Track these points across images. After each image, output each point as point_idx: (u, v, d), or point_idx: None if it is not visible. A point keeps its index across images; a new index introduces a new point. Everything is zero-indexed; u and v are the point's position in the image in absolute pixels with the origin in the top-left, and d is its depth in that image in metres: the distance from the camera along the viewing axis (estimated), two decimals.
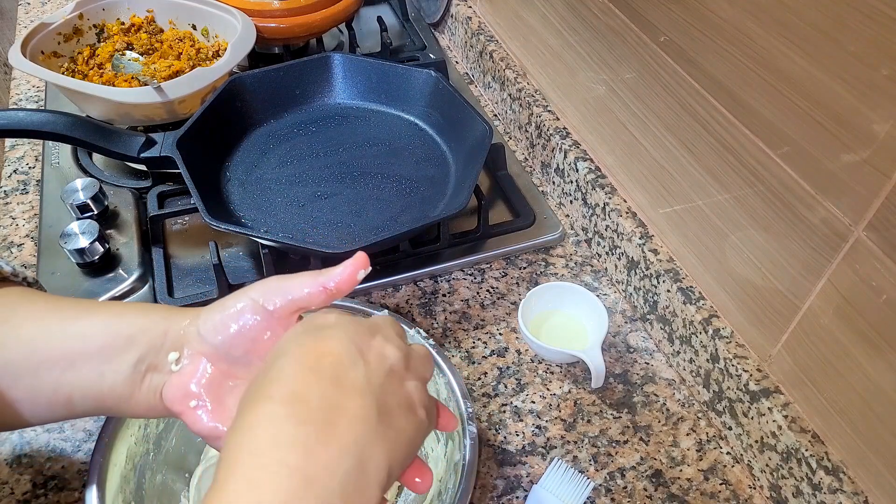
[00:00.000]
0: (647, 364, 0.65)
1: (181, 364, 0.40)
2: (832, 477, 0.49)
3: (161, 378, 0.40)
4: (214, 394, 0.40)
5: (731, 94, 0.52)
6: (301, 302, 0.40)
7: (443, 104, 0.79)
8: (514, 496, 0.55)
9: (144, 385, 0.40)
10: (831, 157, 0.45)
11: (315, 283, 0.40)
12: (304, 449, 0.31)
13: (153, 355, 0.40)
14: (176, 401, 0.40)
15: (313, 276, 0.40)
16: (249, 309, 0.40)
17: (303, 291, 0.40)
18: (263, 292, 0.40)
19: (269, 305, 0.40)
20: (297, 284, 0.40)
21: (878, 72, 0.40)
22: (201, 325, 0.40)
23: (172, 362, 0.40)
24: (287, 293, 0.40)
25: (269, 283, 0.41)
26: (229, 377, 0.40)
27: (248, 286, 0.41)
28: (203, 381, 0.40)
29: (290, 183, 0.74)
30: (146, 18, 0.91)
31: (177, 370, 0.40)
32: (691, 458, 0.58)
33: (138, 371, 0.40)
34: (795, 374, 0.52)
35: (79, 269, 0.69)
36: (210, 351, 0.40)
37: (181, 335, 0.40)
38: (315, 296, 0.40)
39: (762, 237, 0.53)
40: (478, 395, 0.62)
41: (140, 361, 0.40)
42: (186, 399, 0.40)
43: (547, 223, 0.76)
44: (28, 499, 0.54)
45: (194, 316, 0.41)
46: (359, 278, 0.41)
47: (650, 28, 0.60)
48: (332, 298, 0.40)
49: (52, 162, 0.81)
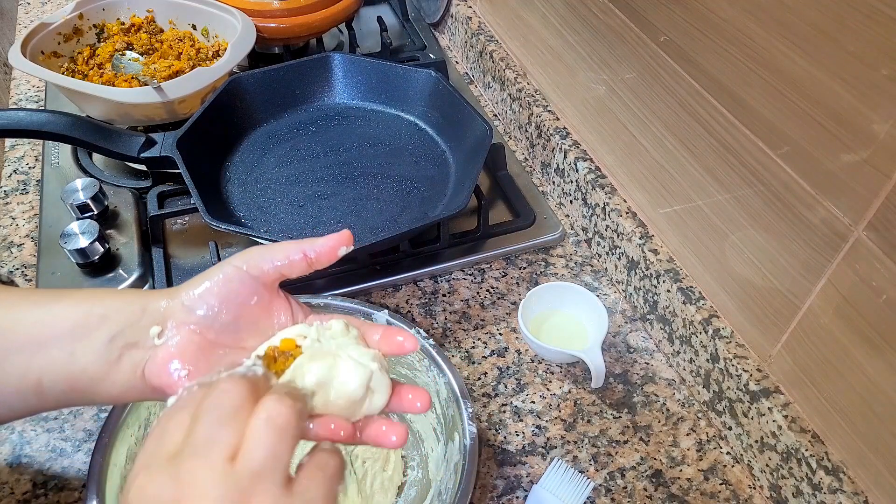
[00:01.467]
0: (647, 364, 0.65)
1: (165, 337, 0.39)
2: (832, 477, 0.49)
3: (142, 354, 0.39)
4: (203, 363, 0.39)
5: (732, 94, 0.52)
6: (284, 269, 0.41)
7: (443, 104, 0.79)
8: (513, 496, 0.55)
9: (122, 364, 0.39)
10: (831, 157, 0.45)
11: (297, 249, 0.41)
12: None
13: (130, 331, 0.39)
14: (163, 373, 0.38)
15: (296, 243, 0.41)
16: (234, 276, 0.40)
17: (285, 257, 0.40)
18: (246, 260, 0.40)
19: (254, 271, 0.40)
20: (280, 251, 0.41)
21: (878, 71, 0.40)
22: (185, 298, 0.39)
23: (154, 336, 0.39)
24: (270, 259, 0.40)
25: (251, 251, 0.41)
26: (217, 346, 0.40)
27: (229, 257, 0.41)
28: (191, 350, 0.39)
29: (290, 183, 0.74)
30: (146, 18, 0.91)
31: (160, 343, 0.39)
32: (691, 458, 0.58)
33: (113, 348, 0.39)
34: (795, 374, 0.52)
35: (79, 269, 0.69)
36: (197, 320, 0.39)
37: (162, 310, 0.39)
38: (297, 263, 0.41)
39: (762, 237, 0.53)
40: (478, 395, 0.62)
41: (115, 338, 0.39)
42: (174, 371, 0.39)
43: (547, 223, 0.76)
44: (28, 499, 0.54)
45: (173, 292, 0.40)
46: (339, 254, 0.41)
47: (650, 28, 0.60)
48: (312, 267, 0.41)
49: (52, 162, 0.81)
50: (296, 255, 0.40)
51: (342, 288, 0.68)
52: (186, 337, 0.39)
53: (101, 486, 0.46)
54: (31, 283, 0.69)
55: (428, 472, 0.54)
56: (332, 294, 0.64)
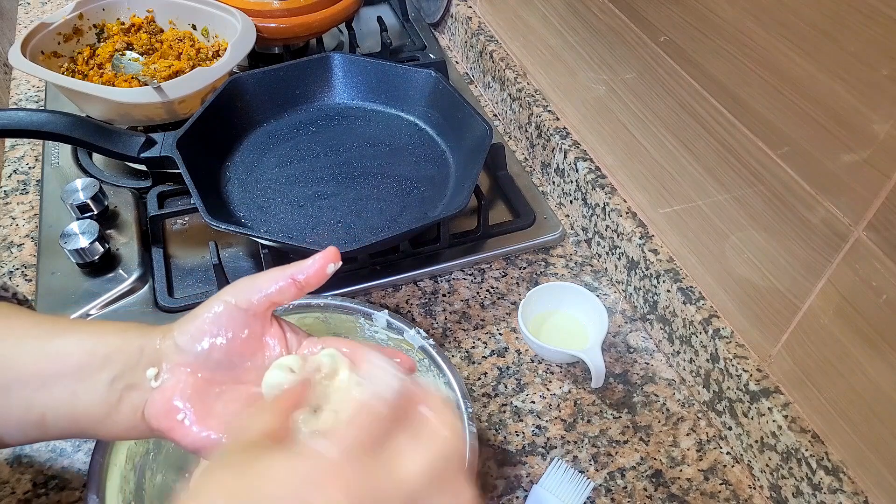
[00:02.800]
0: (647, 364, 0.65)
1: (161, 379, 0.39)
2: (832, 477, 0.49)
3: (141, 396, 0.39)
4: (200, 404, 0.39)
5: (731, 94, 0.52)
6: (273, 297, 0.40)
7: (443, 104, 0.79)
8: (514, 496, 0.55)
9: (123, 405, 0.39)
10: (831, 157, 0.45)
11: (284, 277, 0.40)
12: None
13: (129, 373, 0.39)
14: (161, 416, 0.39)
15: (282, 269, 0.40)
16: (224, 312, 0.39)
17: (274, 286, 0.40)
18: (235, 293, 0.40)
19: (243, 304, 0.40)
20: (268, 280, 0.40)
21: (878, 71, 0.40)
22: (178, 337, 0.39)
23: (151, 378, 0.39)
24: (259, 290, 0.40)
25: (240, 283, 0.41)
26: (213, 384, 0.40)
27: (219, 291, 0.41)
28: (187, 392, 0.39)
29: (290, 183, 0.74)
30: (146, 18, 0.91)
31: (157, 385, 0.39)
32: (691, 458, 0.58)
33: (114, 390, 0.39)
34: (795, 374, 0.52)
35: (79, 270, 0.69)
36: (191, 361, 0.39)
37: (157, 350, 0.40)
38: (286, 289, 0.40)
39: (762, 237, 0.53)
40: (478, 396, 0.62)
41: (116, 380, 0.39)
42: (172, 413, 0.39)
43: (547, 223, 0.76)
44: (29, 498, 0.54)
45: (167, 330, 0.40)
46: (328, 272, 0.41)
47: (650, 28, 0.60)
48: (302, 292, 0.40)
49: (52, 162, 0.81)
50: (284, 282, 0.40)
51: (342, 288, 0.68)
52: (182, 378, 0.39)
53: (101, 485, 0.46)
54: (30, 283, 0.69)
55: None
56: (332, 294, 0.64)
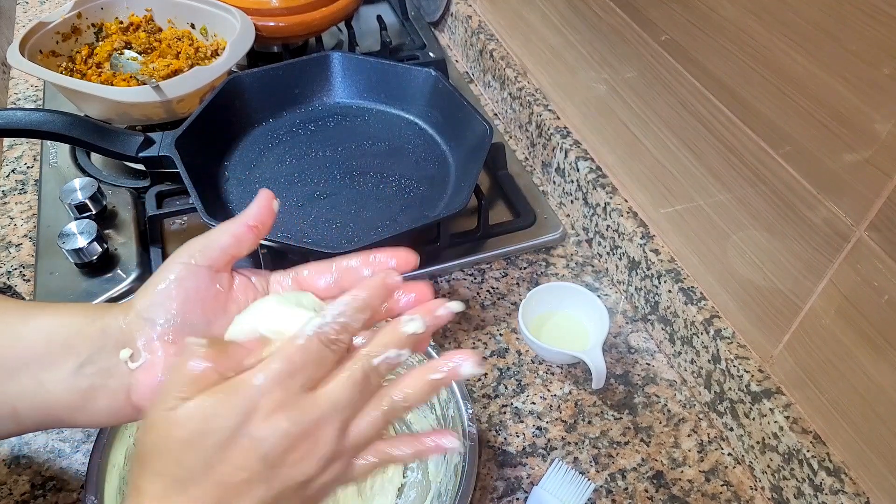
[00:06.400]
0: (648, 365, 0.65)
1: (139, 360, 0.37)
2: (834, 478, 0.49)
3: (119, 381, 0.37)
4: None
5: (733, 94, 0.52)
6: (232, 248, 0.39)
7: (443, 103, 0.79)
8: (514, 497, 0.55)
9: (99, 392, 0.37)
10: (833, 157, 0.45)
11: (238, 225, 0.39)
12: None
13: (98, 358, 0.37)
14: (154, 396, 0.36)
15: (232, 221, 0.40)
16: (186, 273, 0.38)
17: (230, 237, 0.39)
18: (191, 253, 0.39)
19: (204, 262, 0.39)
20: (222, 232, 0.39)
21: (879, 71, 0.40)
22: (143, 310, 0.38)
23: (126, 360, 0.37)
24: (216, 244, 0.39)
25: (193, 242, 0.39)
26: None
27: (172, 255, 0.39)
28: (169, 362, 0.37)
29: (289, 182, 0.74)
30: (144, 17, 0.91)
31: (136, 366, 0.37)
32: (692, 459, 0.58)
33: (82, 377, 0.37)
34: (797, 375, 0.52)
35: (77, 269, 0.69)
36: (163, 330, 0.38)
37: (123, 329, 0.38)
38: (242, 237, 0.39)
39: (764, 237, 0.52)
40: (478, 397, 0.62)
41: (83, 366, 0.37)
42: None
43: (547, 223, 0.76)
44: (27, 500, 0.54)
45: (128, 307, 0.38)
46: (275, 208, 0.40)
47: (651, 27, 0.60)
48: (260, 235, 0.40)
49: (50, 161, 0.81)
50: (238, 230, 0.39)
51: None
52: (161, 351, 0.38)
53: (99, 486, 0.46)
54: (29, 283, 0.69)
55: (427, 473, 0.54)
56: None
